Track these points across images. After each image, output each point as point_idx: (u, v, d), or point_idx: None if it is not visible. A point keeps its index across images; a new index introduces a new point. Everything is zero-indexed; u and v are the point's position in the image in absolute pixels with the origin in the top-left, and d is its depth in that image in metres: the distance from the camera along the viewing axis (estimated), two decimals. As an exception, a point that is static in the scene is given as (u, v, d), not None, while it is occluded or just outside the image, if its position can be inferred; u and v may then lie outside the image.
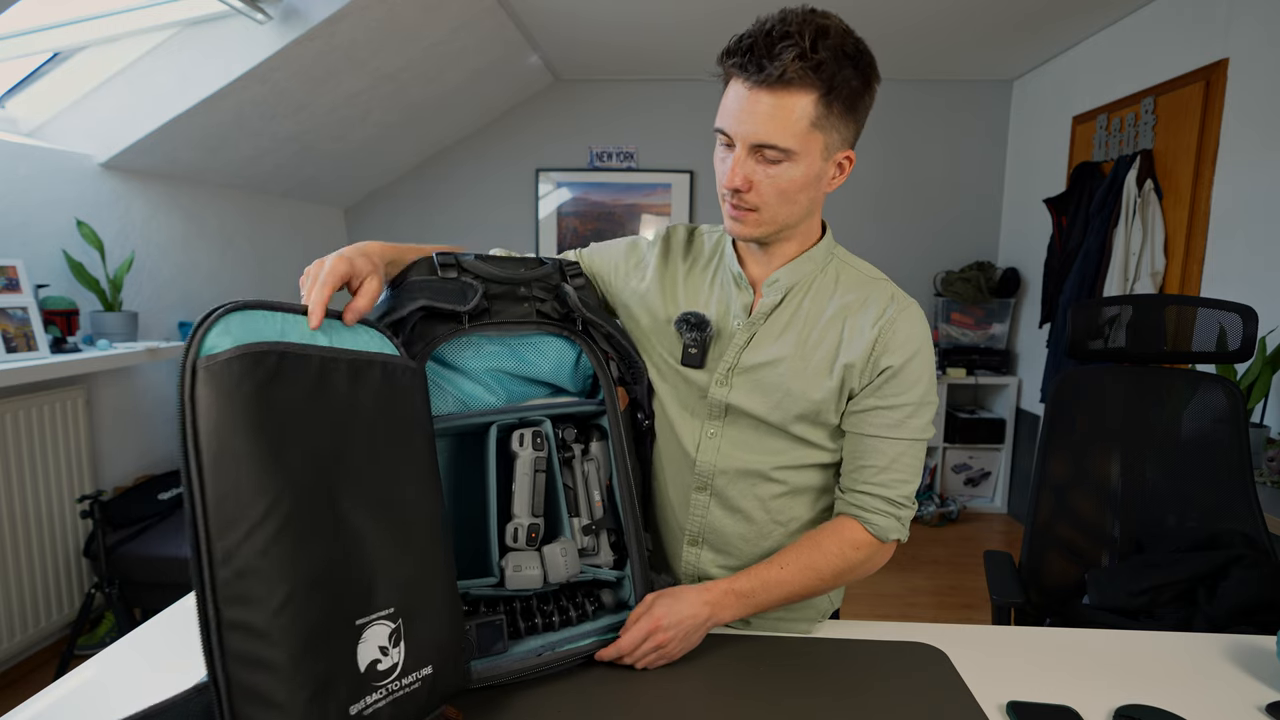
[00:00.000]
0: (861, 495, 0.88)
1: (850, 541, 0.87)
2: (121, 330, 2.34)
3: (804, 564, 0.86)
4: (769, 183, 0.80)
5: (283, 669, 0.52)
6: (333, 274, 0.66)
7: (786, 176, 0.80)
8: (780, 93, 0.76)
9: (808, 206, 0.85)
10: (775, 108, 0.76)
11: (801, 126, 0.77)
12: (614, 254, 1.01)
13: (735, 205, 0.83)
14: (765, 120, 0.77)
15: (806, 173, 0.81)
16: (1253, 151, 2.22)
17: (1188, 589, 1.22)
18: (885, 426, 0.86)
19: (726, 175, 0.81)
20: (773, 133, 0.77)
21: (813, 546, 0.87)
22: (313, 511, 0.56)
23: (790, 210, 0.83)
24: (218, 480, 0.52)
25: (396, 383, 0.66)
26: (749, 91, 0.77)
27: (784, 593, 0.86)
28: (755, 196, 0.81)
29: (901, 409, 0.86)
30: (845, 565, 0.87)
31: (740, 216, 0.84)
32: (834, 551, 0.87)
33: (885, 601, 2.74)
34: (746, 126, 0.78)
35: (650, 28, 3.08)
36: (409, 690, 0.61)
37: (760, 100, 0.76)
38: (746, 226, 0.84)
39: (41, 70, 2.32)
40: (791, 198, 0.82)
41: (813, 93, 0.76)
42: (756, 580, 0.85)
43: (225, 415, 0.52)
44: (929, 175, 3.84)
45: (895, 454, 0.87)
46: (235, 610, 0.51)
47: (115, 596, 2.08)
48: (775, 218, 0.83)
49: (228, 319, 0.55)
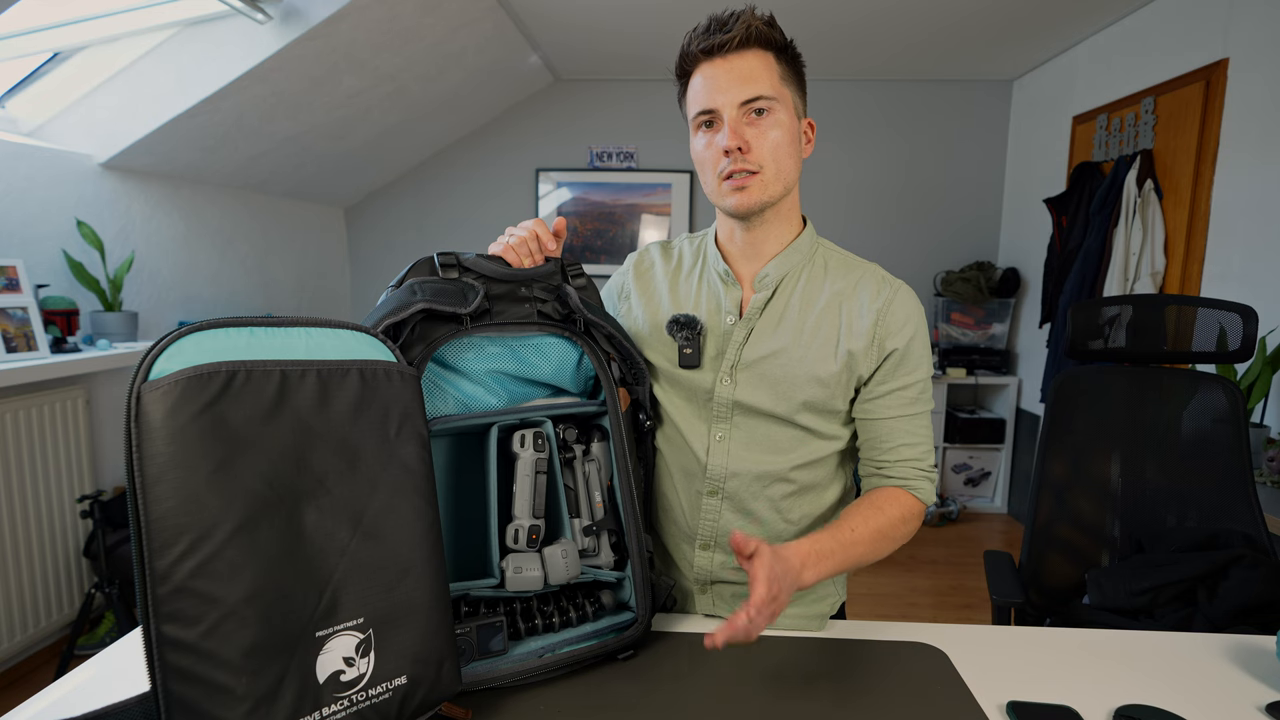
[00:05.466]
0: (901, 468, 0.91)
1: (909, 509, 0.90)
2: (121, 330, 2.34)
3: (872, 529, 0.86)
4: (763, 139, 0.85)
5: (219, 684, 0.53)
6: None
7: (776, 129, 0.85)
8: (746, 53, 0.84)
9: (794, 170, 0.89)
10: (749, 65, 0.84)
11: (774, 78, 0.85)
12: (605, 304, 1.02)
13: (736, 173, 0.86)
14: (744, 76, 0.84)
15: (790, 124, 0.86)
16: (1253, 151, 2.22)
17: (1188, 589, 1.22)
18: (904, 404, 0.91)
19: (725, 141, 0.84)
20: (755, 83, 0.84)
21: (876, 511, 0.88)
22: (261, 527, 0.56)
23: (787, 166, 0.87)
24: (155, 502, 0.53)
25: (377, 388, 0.66)
26: (720, 63, 0.85)
27: (857, 554, 0.84)
28: (755, 155, 0.85)
29: (914, 386, 0.91)
30: (906, 531, 0.90)
31: (744, 183, 0.86)
32: (897, 517, 0.88)
33: (885, 601, 2.74)
34: (731, 90, 0.84)
35: (650, 28, 3.08)
36: (376, 701, 0.61)
37: (733, 65, 0.84)
38: (751, 193, 0.86)
39: (41, 70, 2.32)
40: (785, 151, 0.86)
41: (770, 51, 0.85)
42: (834, 541, 0.82)
43: (163, 439, 0.53)
44: (929, 175, 3.84)
45: (917, 428, 0.92)
46: (172, 627, 0.53)
47: (115, 596, 2.08)
48: (778, 175, 0.87)
49: (180, 343, 0.56)
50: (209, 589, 0.53)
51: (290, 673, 0.56)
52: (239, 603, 0.54)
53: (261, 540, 0.56)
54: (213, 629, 0.53)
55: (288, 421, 0.59)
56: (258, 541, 0.56)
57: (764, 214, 0.89)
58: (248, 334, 0.60)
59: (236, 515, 0.55)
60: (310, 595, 0.58)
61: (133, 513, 0.54)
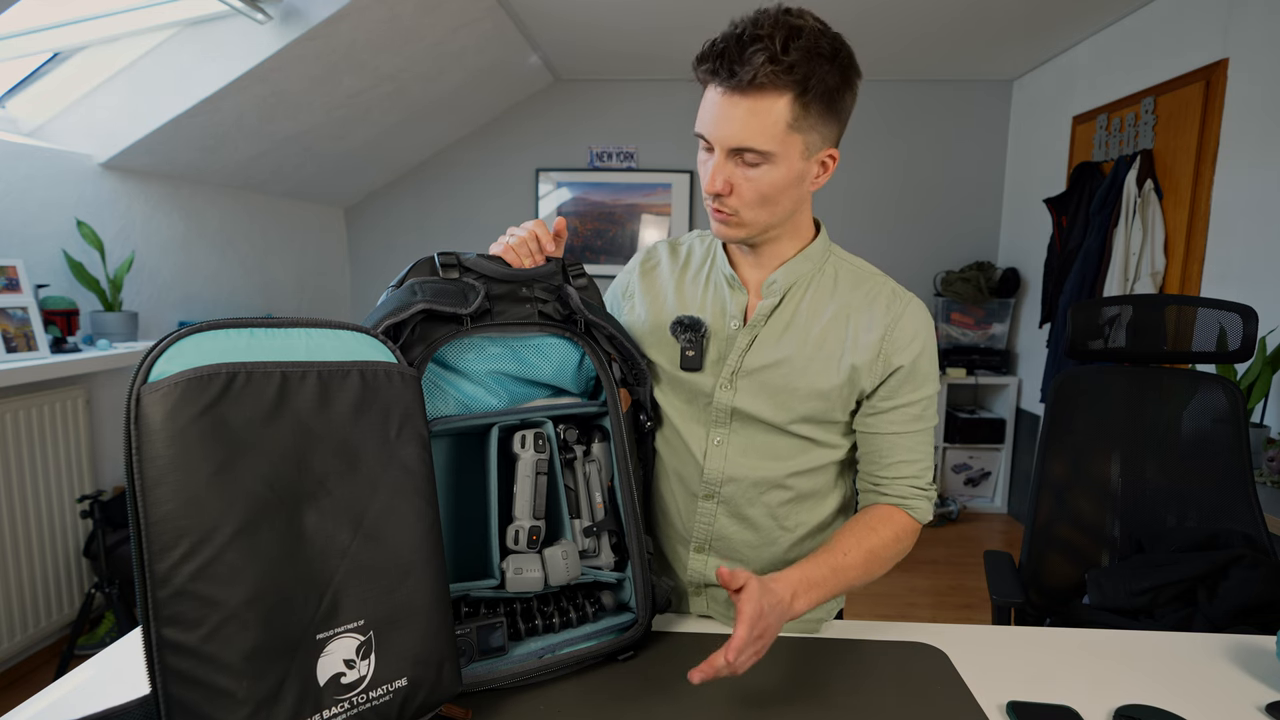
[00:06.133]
0: (898, 486, 0.90)
1: (903, 528, 0.89)
2: (121, 330, 2.34)
3: (865, 550, 0.85)
4: (749, 185, 0.81)
5: (219, 688, 0.53)
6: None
7: (767, 179, 0.80)
8: (754, 96, 0.75)
9: (791, 207, 0.85)
10: (750, 112, 0.76)
11: (779, 129, 0.77)
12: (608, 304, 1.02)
13: (717, 209, 0.84)
14: (741, 125, 0.77)
15: (787, 174, 0.80)
16: (1253, 151, 2.22)
17: (1188, 589, 1.22)
18: (906, 421, 0.89)
19: (708, 180, 0.82)
20: (749, 136, 0.77)
21: (870, 532, 0.87)
22: (262, 529, 0.56)
23: (772, 211, 0.84)
24: (155, 505, 0.53)
25: (378, 389, 0.65)
26: (723, 96, 0.77)
27: (849, 579, 0.83)
28: (736, 200, 0.82)
29: (919, 403, 0.89)
30: (899, 550, 0.89)
31: (724, 219, 0.85)
32: (890, 537, 0.87)
33: (885, 601, 2.74)
34: (723, 131, 0.78)
35: (650, 28, 3.08)
36: (377, 703, 0.61)
37: (735, 105, 0.76)
38: (731, 229, 0.86)
39: (41, 70, 2.32)
40: (773, 200, 0.82)
41: (787, 94, 0.75)
42: (825, 568, 0.81)
43: (163, 441, 0.53)
44: (929, 175, 3.84)
45: (917, 445, 0.90)
46: (172, 630, 0.53)
47: (115, 596, 2.08)
48: (756, 220, 0.84)
49: (180, 344, 0.56)
50: (209, 592, 0.53)
51: (291, 675, 0.56)
52: (240, 606, 0.54)
53: (262, 543, 0.56)
54: (213, 632, 0.53)
55: (288, 423, 0.59)
56: (258, 544, 0.56)
57: (750, 241, 0.88)
58: (248, 335, 0.60)
59: (237, 518, 0.55)
60: (311, 597, 0.58)
61: (132, 515, 0.53)
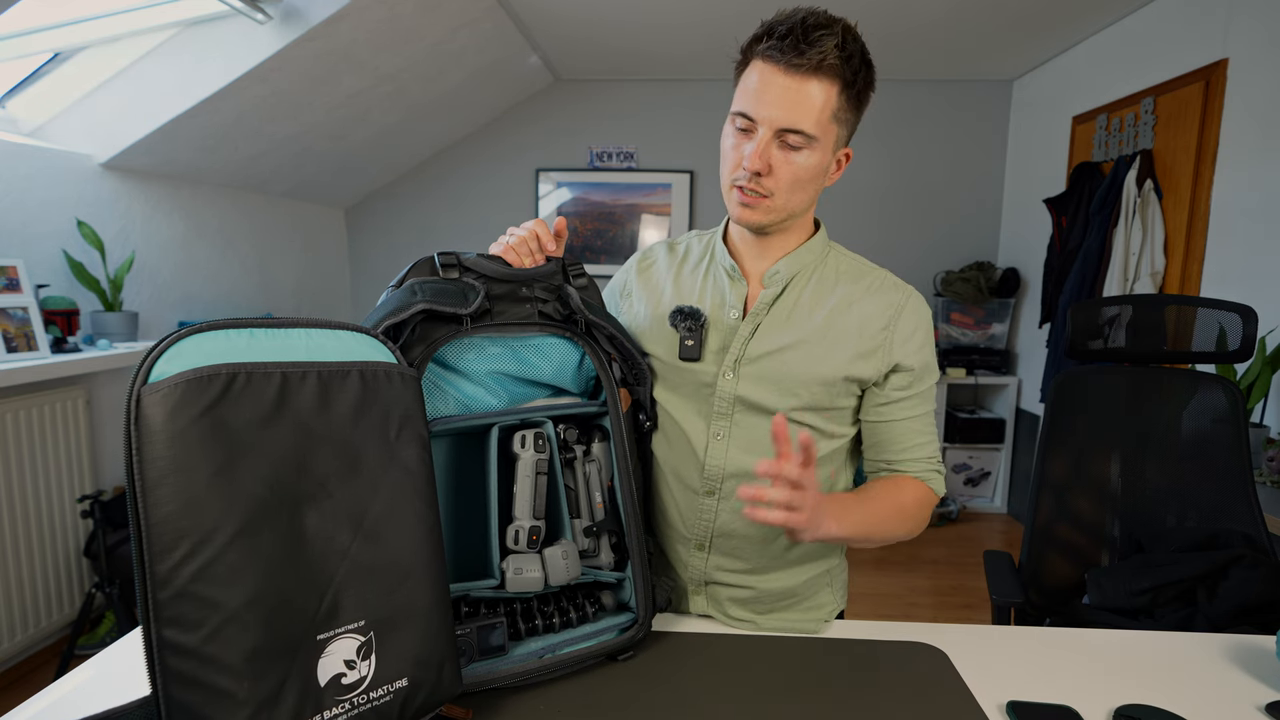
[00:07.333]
0: (915, 465, 0.93)
1: (925, 495, 0.92)
2: (122, 330, 2.34)
3: (891, 501, 0.88)
4: (788, 168, 0.83)
5: (220, 689, 0.53)
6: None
7: (804, 164, 0.83)
8: (813, 79, 0.78)
9: (813, 197, 0.88)
10: (805, 94, 0.79)
11: (825, 115, 0.80)
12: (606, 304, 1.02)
13: (749, 190, 0.84)
14: (794, 105, 0.79)
15: (820, 162, 0.84)
16: (1253, 151, 2.22)
17: (1188, 589, 1.22)
18: (911, 406, 0.92)
19: (748, 158, 0.82)
20: (800, 117, 0.79)
21: (897, 489, 0.90)
22: (262, 531, 0.56)
23: (799, 199, 0.86)
24: (155, 506, 0.53)
25: (378, 389, 0.65)
26: (783, 76, 0.79)
27: (874, 520, 0.85)
28: (771, 182, 0.83)
29: (926, 390, 0.93)
30: (921, 516, 0.91)
31: (753, 202, 0.85)
32: (913, 498, 0.90)
33: (885, 601, 2.74)
34: (776, 111, 0.80)
35: (650, 28, 3.08)
36: (377, 703, 0.61)
37: (792, 85, 0.79)
38: (757, 213, 0.86)
39: (41, 70, 2.32)
40: (803, 186, 0.85)
41: (838, 83, 0.79)
42: (855, 500, 0.86)
43: (163, 442, 0.53)
44: (929, 175, 3.84)
45: (925, 427, 0.93)
46: (173, 632, 0.53)
47: (115, 596, 2.08)
48: (786, 205, 0.86)
49: (180, 345, 0.56)
50: (210, 593, 0.53)
51: (291, 676, 0.56)
52: (240, 607, 0.54)
53: (263, 544, 0.56)
54: (214, 634, 0.53)
55: (288, 424, 0.59)
56: (259, 545, 0.55)
57: (769, 228, 0.90)
58: (248, 335, 0.60)
59: (237, 519, 0.55)
60: (311, 598, 0.58)
61: (133, 517, 0.53)
